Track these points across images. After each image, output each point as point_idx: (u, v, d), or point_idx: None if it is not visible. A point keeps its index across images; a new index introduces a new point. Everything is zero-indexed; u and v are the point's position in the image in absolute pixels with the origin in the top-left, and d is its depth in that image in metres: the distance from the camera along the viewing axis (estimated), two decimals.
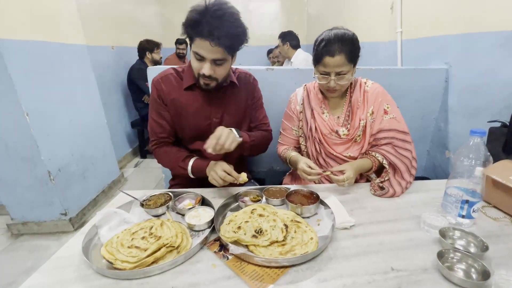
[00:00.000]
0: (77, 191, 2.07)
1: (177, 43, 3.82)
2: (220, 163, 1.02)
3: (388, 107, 1.09)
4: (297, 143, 1.25)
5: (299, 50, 2.98)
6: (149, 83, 1.19)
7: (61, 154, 1.93)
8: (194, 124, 1.11)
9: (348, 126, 1.12)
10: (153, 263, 0.68)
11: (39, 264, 0.71)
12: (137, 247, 0.70)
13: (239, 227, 0.78)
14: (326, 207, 0.88)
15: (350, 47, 0.99)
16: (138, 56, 3.25)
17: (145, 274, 0.66)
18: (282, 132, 1.28)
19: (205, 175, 1.04)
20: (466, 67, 1.57)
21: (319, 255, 0.71)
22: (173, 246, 0.72)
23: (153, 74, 1.19)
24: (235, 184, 1.03)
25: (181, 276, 0.66)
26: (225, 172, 0.98)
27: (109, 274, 0.66)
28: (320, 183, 1.18)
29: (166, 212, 0.92)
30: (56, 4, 1.92)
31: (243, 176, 0.98)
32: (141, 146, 3.41)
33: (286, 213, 0.85)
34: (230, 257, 0.71)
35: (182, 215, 0.89)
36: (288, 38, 2.98)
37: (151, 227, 0.78)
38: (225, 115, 1.12)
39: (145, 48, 3.20)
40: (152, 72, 1.40)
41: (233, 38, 0.91)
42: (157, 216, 0.90)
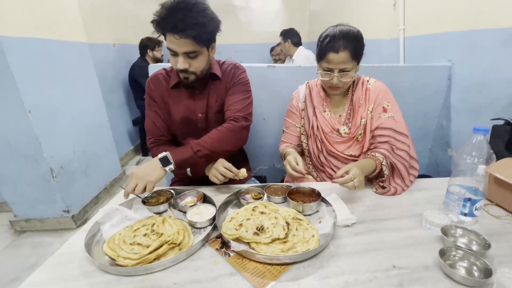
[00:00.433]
0: (79, 189, 2.08)
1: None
2: (220, 160, 1.03)
3: (388, 106, 1.07)
4: (300, 140, 1.24)
5: (300, 48, 2.97)
6: None
7: (63, 151, 1.93)
8: (182, 121, 1.12)
9: (349, 124, 1.11)
10: (155, 260, 0.68)
11: (42, 261, 0.72)
12: (139, 244, 0.71)
13: (240, 225, 0.78)
14: (328, 204, 0.88)
15: (354, 44, 0.98)
16: (140, 54, 3.25)
17: (147, 271, 0.66)
18: (284, 130, 1.27)
19: (192, 165, 1.03)
20: (469, 65, 1.55)
21: (321, 253, 0.71)
22: (175, 243, 0.72)
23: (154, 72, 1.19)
24: (235, 181, 1.03)
25: (183, 273, 0.66)
26: (225, 169, 0.99)
27: (111, 270, 0.66)
28: (322, 181, 1.18)
29: (168, 209, 0.92)
30: (57, 2, 1.92)
31: (243, 172, 1.00)
32: (142, 144, 3.42)
33: (287, 211, 0.86)
34: (231, 254, 0.72)
35: (184, 213, 0.89)
36: (290, 35, 2.96)
37: (153, 224, 0.79)
38: (208, 110, 1.12)
39: (147, 45, 3.19)
40: (153, 69, 1.38)
41: (198, 29, 0.90)
42: (159, 213, 0.90)
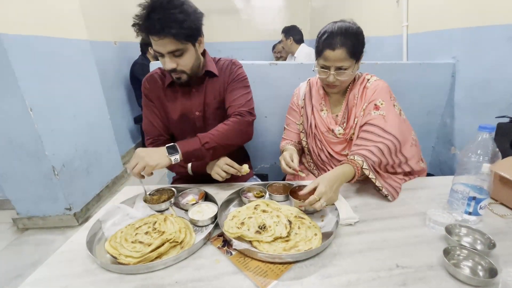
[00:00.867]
0: (81, 186, 2.08)
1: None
2: (222, 158, 1.03)
3: (382, 104, 0.99)
4: (300, 137, 1.23)
5: (302, 45, 2.95)
6: None
7: (65, 149, 1.94)
8: (179, 119, 1.11)
9: (344, 125, 1.08)
10: (156, 258, 0.68)
11: (45, 258, 0.72)
12: (140, 242, 0.71)
13: (242, 223, 0.78)
14: None
15: (352, 42, 0.93)
16: (141, 52, 3.24)
17: (149, 269, 0.66)
18: (286, 127, 1.27)
19: (198, 158, 0.98)
20: (473, 62, 1.54)
21: (323, 251, 0.71)
22: (177, 241, 0.72)
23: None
24: (237, 179, 1.03)
25: (185, 271, 0.66)
26: (227, 165, 1.00)
27: (113, 268, 0.66)
28: None
29: (170, 208, 0.92)
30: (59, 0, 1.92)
31: (245, 167, 1.01)
32: (144, 142, 3.41)
33: (290, 209, 0.85)
34: (233, 252, 0.71)
35: (186, 211, 0.89)
36: (292, 32, 2.95)
37: (155, 222, 0.78)
38: (206, 107, 1.11)
39: (148, 43, 3.16)
40: (155, 67, 1.38)
41: (177, 26, 0.87)
42: (161, 212, 0.90)
